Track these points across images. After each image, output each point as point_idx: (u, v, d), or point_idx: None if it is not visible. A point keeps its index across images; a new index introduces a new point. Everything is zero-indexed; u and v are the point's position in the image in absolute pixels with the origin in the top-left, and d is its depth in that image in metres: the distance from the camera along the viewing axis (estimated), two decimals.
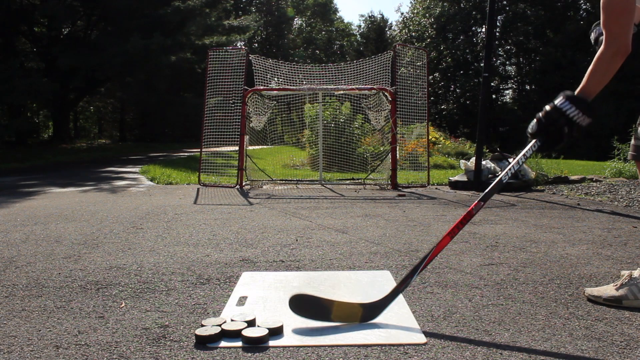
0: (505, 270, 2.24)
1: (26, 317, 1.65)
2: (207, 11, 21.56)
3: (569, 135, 1.62)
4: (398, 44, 6.97)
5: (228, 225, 3.42)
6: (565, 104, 1.62)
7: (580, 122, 1.61)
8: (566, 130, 1.62)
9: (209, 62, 6.47)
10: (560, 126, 1.62)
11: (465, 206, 4.50)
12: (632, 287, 1.75)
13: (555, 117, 1.63)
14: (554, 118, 1.63)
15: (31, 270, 2.24)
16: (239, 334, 1.47)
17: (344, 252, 2.60)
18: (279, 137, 7.85)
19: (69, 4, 17.81)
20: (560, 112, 1.62)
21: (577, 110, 1.61)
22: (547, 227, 3.38)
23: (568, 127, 1.62)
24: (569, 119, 1.61)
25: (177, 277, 2.12)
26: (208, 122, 6.42)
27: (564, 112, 1.61)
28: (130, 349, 1.41)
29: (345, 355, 1.37)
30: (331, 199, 5.08)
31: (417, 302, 1.80)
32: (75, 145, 20.12)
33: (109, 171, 9.11)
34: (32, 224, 3.43)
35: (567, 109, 1.61)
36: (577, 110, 1.61)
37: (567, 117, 1.61)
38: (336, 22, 50.34)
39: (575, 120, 1.61)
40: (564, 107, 1.62)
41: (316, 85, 6.59)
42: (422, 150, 7.20)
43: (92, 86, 22.28)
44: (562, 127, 1.62)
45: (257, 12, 41.50)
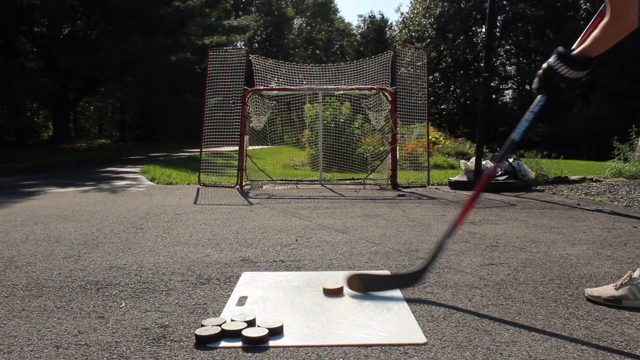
0: (505, 270, 2.24)
1: (26, 317, 1.65)
2: (207, 11, 21.58)
3: (567, 88, 1.77)
4: (398, 44, 6.98)
5: (228, 225, 3.42)
6: (557, 62, 1.76)
7: (572, 76, 1.74)
8: (563, 85, 1.77)
9: (209, 62, 6.47)
10: (557, 82, 1.77)
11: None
12: (632, 287, 1.75)
13: (550, 74, 1.77)
14: (550, 75, 1.77)
15: (31, 270, 2.24)
16: (239, 334, 1.47)
17: (344, 252, 2.60)
18: (279, 137, 7.85)
19: (69, 4, 17.81)
20: (553, 70, 1.77)
21: (568, 69, 1.74)
22: (547, 227, 3.38)
23: (564, 83, 1.76)
24: (561, 76, 1.75)
25: (177, 277, 2.12)
26: (208, 122, 6.42)
27: (556, 71, 1.76)
28: (130, 349, 1.41)
29: (345, 355, 1.37)
30: (331, 199, 5.08)
31: (417, 302, 1.80)
32: (75, 145, 20.12)
33: (109, 171, 9.11)
34: (32, 224, 3.43)
35: (559, 67, 1.75)
36: (568, 69, 1.74)
37: (560, 75, 1.75)
38: (336, 22, 50.35)
39: (567, 76, 1.74)
40: (555, 65, 1.76)
41: (316, 85, 6.59)
42: (422, 150, 7.20)
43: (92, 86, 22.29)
44: (558, 83, 1.77)
45: (257, 12, 41.50)
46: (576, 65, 1.72)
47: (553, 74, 1.75)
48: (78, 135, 28.80)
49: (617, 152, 8.25)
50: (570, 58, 1.73)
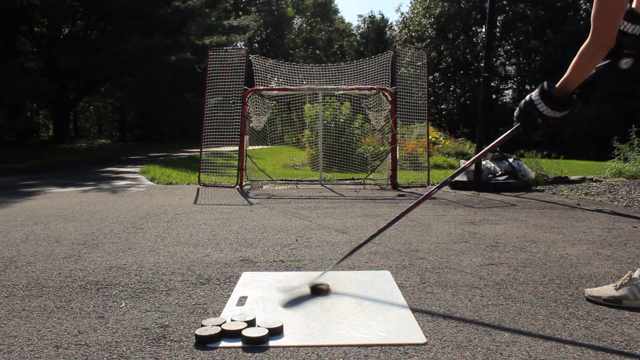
0: (505, 270, 2.24)
1: (26, 317, 1.65)
2: (207, 11, 21.57)
3: (543, 124, 1.77)
4: (398, 44, 6.97)
5: (228, 225, 3.42)
6: (537, 99, 1.76)
7: (550, 115, 1.74)
8: (540, 122, 1.77)
9: (209, 62, 6.47)
10: (534, 117, 1.77)
11: (465, 206, 4.50)
12: (632, 287, 1.75)
13: (529, 109, 1.77)
14: (528, 110, 1.78)
15: (31, 270, 2.24)
16: (239, 334, 1.47)
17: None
18: (279, 137, 7.85)
19: (69, 4, 17.81)
20: (532, 105, 1.77)
21: (546, 107, 1.74)
22: (547, 227, 3.38)
23: (541, 119, 1.76)
24: (540, 113, 1.75)
25: (177, 277, 2.12)
26: (208, 122, 6.42)
27: (535, 106, 1.76)
28: (130, 349, 1.41)
29: (345, 355, 1.37)
30: (331, 199, 5.08)
31: (417, 302, 1.80)
32: (75, 145, 20.11)
33: (109, 171, 9.11)
34: (32, 224, 3.43)
35: (538, 103, 1.75)
36: (546, 107, 1.74)
37: (538, 111, 1.75)
38: (336, 22, 50.34)
39: (545, 115, 1.75)
40: (536, 101, 1.76)
41: (316, 85, 6.59)
42: (422, 150, 7.20)
43: (92, 86, 22.28)
44: (535, 118, 1.77)
45: (257, 12, 41.50)
46: (555, 105, 1.72)
47: (532, 109, 1.76)
48: (78, 135, 28.80)
49: (617, 152, 8.25)
50: (550, 97, 1.74)
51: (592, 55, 1.69)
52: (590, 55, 1.69)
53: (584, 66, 1.71)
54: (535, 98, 1.76)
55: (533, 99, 1.77)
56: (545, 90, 1.74)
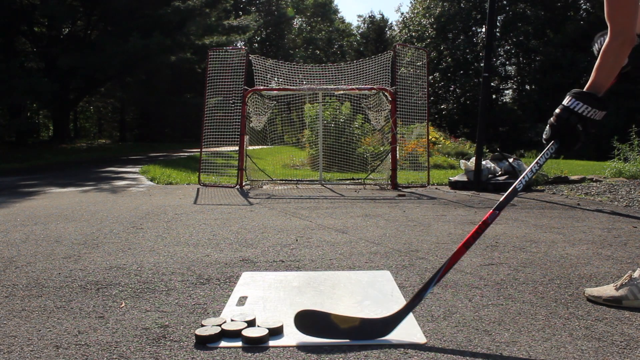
0: (505, 270, 2.24)
1: (26, 317, 1.65)
2: (207, 11, 21.57)
3: (584, 132, 1.59)
4: (398, 44, 6.98)
5: (228, 225, 3.42)
6: (573, 102, 1.59)
7: (592, 116, 1.58)
8: (580, 128, 1.58)
9: (209, 62, 6.47)
10: (573, 125, 1.59)
11: (465, 206, 4.50)
12: (632, 287, 1.75)
13: (565, 116, 1.60)
14: (565, 118, 1.60)
15: (31, 270, 2.24)
16: (239, 334, 1.46)
17: (344, 252, 2.60)
18: (279, 137, 7.85)
19: (69, 4, 17.82)
20: (570, 110, 1.59)
21: (585, 106, 1.57)
22: (547, 227, 3.38)
23: (581, 125, 1.58)
24: (580, 115, 1.58)
25: (177, 277, 2.12)
26: (208, 122, 6.42)
27: (573, 110, 1.58)
28: (130, 349, 1.41)
29: (345, 355, 1.37)
30: (331, 199, 5.08)
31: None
32: (75, 145, 20.12)
33: (109, 171, 9.11)
34: (32, 224, 3.43)
35: (576, 106, 1.58)
36: (585, 106, 1.57)
37: (577, 114, 1.58)
38: (336, 22, 50.35)
39: (586, 116, 1.57)
40: (572, 104, 1.59)
41: (316, 85, 6.59)
42: (422, 150, 7.20)
43: (92, 86, 22.29)
44: (575, 125, 1.58)
45: (257, 12, 41.50)
46: (596, 102, 1.56)
47: (569, 116, 1.58)
48: (78, 135, 28.80)
49: (617, 152, 8.25)
50: (589, 95, 1.58)
51: (617, 53, 1.59)
52: (615, 53, 1.59)
53: (610, 66, 1.61)
54: (571, 103, 1.59)
55: (567, 105, 1.60)
56: (578, 93, 1.60)
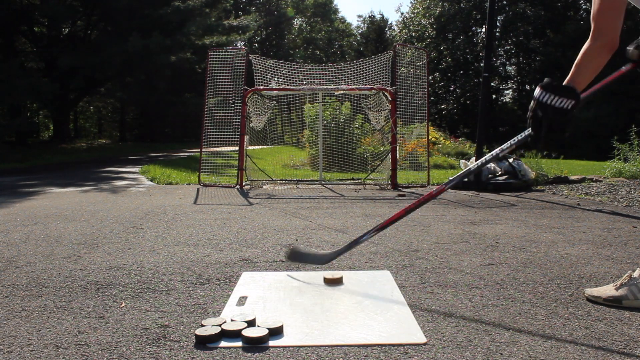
0: (505, 270, 2.24)
1: (26, 317, 1.65)
2: (207, 11, 21.56)
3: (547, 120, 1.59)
4: (398, 44, 6.97)
5: (228, 225, 3.42)
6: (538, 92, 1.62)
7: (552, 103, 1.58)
8: (540, 114, 1.60)
9: (209, 62, 6.47)
10: (536, 112, 1.61)
11: (465, 206, 4.50)
12: (632, 287, 1.75)
13: (532, 106, 1.63)
14: (533, 108, 1.63)
15: (31, 270, 2.24)
16: (239, 334, 1.47)
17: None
18: (279, 137, 7.85)
19: (69, 4, 17.81)
20: (535, 101, 1.62)
21: (547, 93, 1.59)
22: (547, 227, 3.38)
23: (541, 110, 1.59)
24: (540, 103, 1.60)
25: (177, 277, 2.12)
26: (208, 122, 6.42)
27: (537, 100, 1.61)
28: (130, 349, 1.41)
29: (345, 355, 1.37)
30: (331, 199, 5.08)
31: (417, 302, 1.80)
32: (75, 145, 20.11)
33: (109, 171, 9.11)
34: (32, 224, 3.43)
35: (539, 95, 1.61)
36: (547, 93, 1.59)
37: (539, 102, 1.60)
38: (336, 22, 50.35)
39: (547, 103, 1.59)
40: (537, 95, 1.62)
41: (316, 85, 6.59)
42: (422, 150, 7.20)
43: (92, 86, 22.27)
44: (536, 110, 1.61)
45: (257, 12, 41.49)
46: (556, 90, 1.59)
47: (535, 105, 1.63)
48: (78, 135, 28.79)
49: (617, 152, 8.25)
50: (550, 84, 1.61)
51: (595, 55, 1.61)
52: (593, 54, 1.61)
53: (586, 66, 1.63)
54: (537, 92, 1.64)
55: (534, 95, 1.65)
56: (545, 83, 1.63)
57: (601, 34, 1.60)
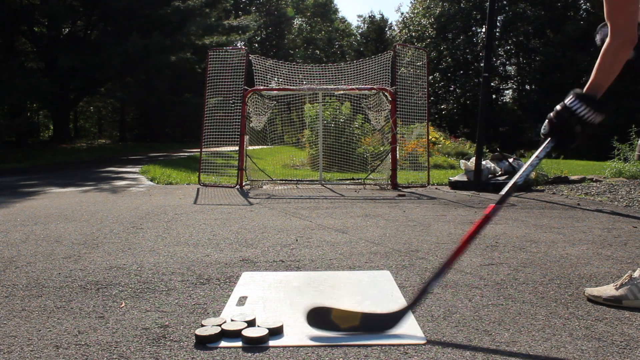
0: (505, 270, 2.24)
1: (26, 317, 1.65)
2: (207, 11, 21.57)
3: (582, 133, 1.60)
4: (398, 44, 6.97)
5: (228, 225, 3.42)
6: (575, 102, 1.60)
7: (591, 120, 1.59)
8: (578, 129, 1.60)
9: (209, 62, 6.47)
10: (572, 125, 1.60)
11: (465, 206, 4.50)
12: (632, 287, 1.75)
13: (566, 116, 1.61)
14: (565, 118, 1.61)
15: (31, 270, 2.24)
16: (239, 334, 1.46)
17: (344, 252, 2.60)
18: (279, 137, 7.85)
19: (69, 4, 17.81)
20: (570, 111, 1.60)
21: (587, 108, 1.58)
22: (547, 227, 3.38)
23: (580, 126, 1.60)
24: (579, 118, 1.59)
25: (177, 277, 2.12)
26: (208, 122, 6.42)
27: (574, 112, 1.59)
28: (130, 349, 1.41)
29: (345, 355, 1.37)
30: (331, 199, 5.08)
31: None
32: (75, 145, 20.11)
33: (109, 171, 9.11)
34: (32, 224, 3.43)
35: (577, 107, 1.59)
36: (587, 108, 1.58)
37: (577, 116, 1.59)
38: (336, 22, 50.35)
39: (585, 119, 1.59)
40: (574, 106, 1.60)
41: (316, 85, 6.59)
42: (422, 150, 7.20)
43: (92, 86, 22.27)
44: (574, 126, 1.60)
45: (257, 12, 41.50)
46: (598, 106, 1.58)
47: (569, 116, 1.59)
48: (78, 135, 28.79)
49: (617, 152, 8.25)
50: (591, 98, 1.59)
51: (616, 54, 1.60)
52: (614, 53, 1.60)
53: (610, 67, 1.61)
54: (573, 103, 1.60)
55: (569, 105, 1.61)
56: (581, 94, 1.61)
57: (619, 31, 1.59)
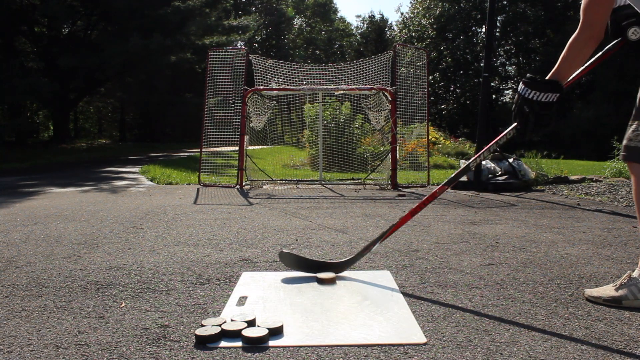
0: (505, 270, 2.24)
1: (26, 317, 1.65)
2: (207, 11, 21.55)
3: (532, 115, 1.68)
4: (398, 44, 6.97)
5: (228, 225, 3.42)
6: (521, 87, 1.72)
7: (539, 99, 1.67)
8: (527, 110, 1.69)
9: (209, 62, 6.47)
10: (522, 107, 1.71)
11: (465, 206, 4.50)
12: (632, 287, 1.75)
13: (518, 101, 1.72)
14: (518, 103, 1.72)
15: (31, 270, 2.24)
16: (239, 334, 1.47)
17: (344, 252, 2.60)
18: (279, 137, 7.85)
19: (69, 4, 17.80)
20: (519, 95, 1.72)
21: (530, 90, 1.68)
22: (547, 227, 3.38)
23: (528, 107, 1.69)
24: (525, 99, 1.69)
25: (177, 277, 2.12)
26: (208, 122, 6.42)
27: (521, 94, 1.71)
28: (130, 349, 1.41)
29: (345, 355, 1.37)
30: (331, 199, 5.08)
31: (417, 302, 1.80)
32: (75, 145, 20.11)
33: (109, 171, 9.11)
34: (32, 224, 3.43)
35: (523, 90, 1.70)
36: (530, 90, 1.68)
37: (524, 97, 1.69)
38: (336, 22, 50.35)
39: (532, 99, 1.68)
40: (521, 90, 1.71)
41: (316, 85, 6.58)
42: (422, 150, 7.20)
43: (92, 86, 22.28)
44: (523, 107, 1.70)
45: (257, 12, 41.49)
46: (539, 86, 1.68)
47: (519, 100, 1.71)
48: (78, 135, 28.78)
49: (617, 152, 8.24)
50: (532, 79, 1.70)
51: (582, 46, 1.67)
52: (580, 45, 1.67)
53: (574, 57, 1.69)
54: (520, 89, 1.73)
55: (519, 91, 1.74)
56: (525, 78, 1.72)
57: (589, 26, 1.66)
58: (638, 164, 1.82)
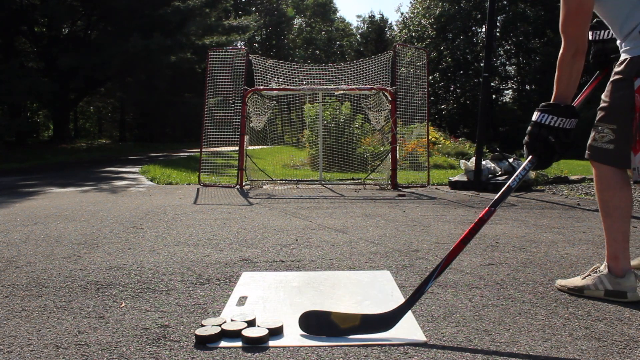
0: (505, 270, 2.24)
1: (26, 317, 1.65)
2: (207, 11, 21.56)
3: (557, 143, 1.61)
4: (398, 44, 6.97)
5: (228, 225, 3.42)
6: (540, 115, 1.64)
7: (562, 126, 1.62)
8: (552, 140, 1.61)
9: (209, 62, 6.47)
10: (545, 137, 1.63)
11: (465, 206, 4.50)
12: (595, 279, 1.85)
13: (537, 131, 1.64)
14: (536, 133, 1.64)
15: (31, 270, 2.24)
16: (239, 334, 1.47)
17: (344, 252, 2.60)
18: (279, 137, 7.85)
19: (69, 4, 17.80)
20: (539, 124, 1.64)
21: (552, 117, 1.62)
22: (547, 227, 3.38)
23: (553, 136, 1.62)
24: (549, 127, 1.62)
25: (177, 277, 2.12)
26: (208, 122, 6.42)
27: (542, 124, 1.63)
28: (130, 349, 1.41)
29: (345, 355, 1.37)
30: (331, 199, 5.08)
31: (417, 302, 1.80)
32: (75, 145, 20.11)
33: (109, 171, 9.11)
34: (32, 224, 3.43)
35: (544, 118, 1.63)
36: (552, 117, 1.62)
37: (547, 126, 1.63)
38: (336, 22, 50.34)
39: (556, 126, 1.62)
40: (540, 119, 1.64)
41: (316, 85, 6.59)
42: (422, 150, 7.20)
43: (92, 86, 22.26)
44: (547, 137, 1.62)
45: (257, 12, 41.49)
46: (564, 111, 1.62)
47: (539, 130, 1.63)
48: (78, 135, 28.78)
49: None
50: (553, 106, 1.64)
51: (572, 62, 1.66)
52: (569, 63, 1.67)
53: (568, 75, 1.68)
54: (539, 117, 1.64)
55: (537, 120, 1.65)
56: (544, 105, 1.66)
57: (572, 42, 1.66)
58: (600, 163, 1.84)
